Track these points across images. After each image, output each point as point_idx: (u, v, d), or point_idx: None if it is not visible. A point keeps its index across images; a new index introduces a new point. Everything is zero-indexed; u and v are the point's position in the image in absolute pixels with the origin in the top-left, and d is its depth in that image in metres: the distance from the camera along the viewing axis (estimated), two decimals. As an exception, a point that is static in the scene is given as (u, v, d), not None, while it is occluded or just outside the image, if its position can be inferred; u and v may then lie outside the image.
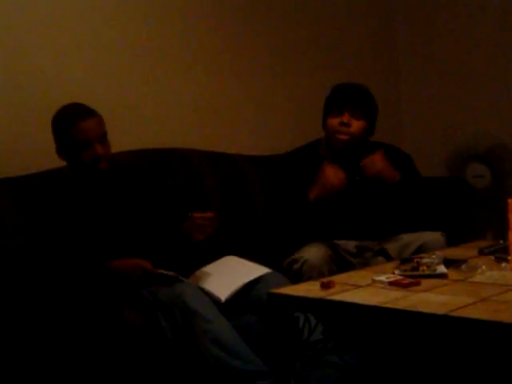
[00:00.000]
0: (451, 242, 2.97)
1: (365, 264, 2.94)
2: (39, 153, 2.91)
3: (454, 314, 1.92)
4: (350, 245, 3.03)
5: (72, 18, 3.06)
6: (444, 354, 2.12)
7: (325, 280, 2.29)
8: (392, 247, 2.99)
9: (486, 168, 3.94)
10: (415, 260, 2.42)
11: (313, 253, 2.84)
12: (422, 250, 2.89)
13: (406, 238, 3.01)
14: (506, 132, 3.97)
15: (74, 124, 2.64)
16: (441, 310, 1.95)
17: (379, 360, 2.38)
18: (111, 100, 2.94)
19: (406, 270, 2.36)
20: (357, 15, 4.16)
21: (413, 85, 4.37)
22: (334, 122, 3.07)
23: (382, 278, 2.31)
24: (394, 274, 2.35)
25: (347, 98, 3.07)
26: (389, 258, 2.93)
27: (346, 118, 3.04)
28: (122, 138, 2.98)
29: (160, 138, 3.24)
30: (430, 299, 2.09)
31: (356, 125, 3.06)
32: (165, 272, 2.55)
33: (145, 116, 2.98)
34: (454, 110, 4.23)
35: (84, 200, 2.70)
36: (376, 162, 3.01)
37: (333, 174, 2.98)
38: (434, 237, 2.99)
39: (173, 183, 3.11)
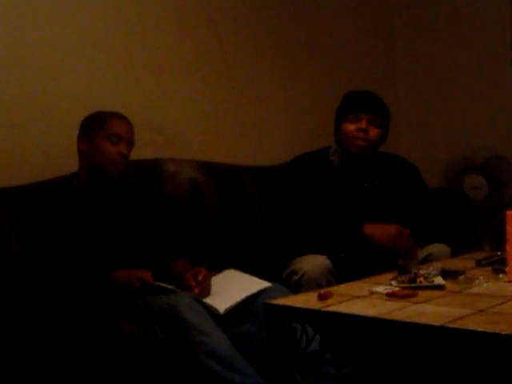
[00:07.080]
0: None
1: (372, 273, 2.90)
2: (39, 162, 2.90)
3: (451, 325, 1.92)
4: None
5: (73, 23, 3.06)
6: (441, 366, 2.12)
7: (322, 291, 2.28)
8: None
9: (484, 179, 3.95)
10: (413, 271, 2.43)
11: (311, 265, 2.81)
12: (428, 260, 2.87)
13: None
14: (503, 143, 3.98)
15: (111, 117, 2.73)
16: (438, 322, 1.95)
17: (376, 371, 2.38)
18: (110, 109, 2.93)
19: (403, 282, 2.36)
20: (356, 28, 4.17)
21: (410, 96, 4.38)
22: (350, 128, 3.05)
23: (380, 289, 2.31)
24: (391, 285, 2.36)
25: (365, 104, 3.06)
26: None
27: (364, 125, 3.03)
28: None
29: (158, 148, 3.25)
30: (427, 310, 2.09)
31: (373, 132, 3.05)
32: (163, 285, 2.54)
33: (141, 126, 2.97)
34: (452, 121, 4.24)
35: (85, 210, 2.69)
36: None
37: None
38: (440, 248, 2.97)
39: (171, 194, 3.11)
